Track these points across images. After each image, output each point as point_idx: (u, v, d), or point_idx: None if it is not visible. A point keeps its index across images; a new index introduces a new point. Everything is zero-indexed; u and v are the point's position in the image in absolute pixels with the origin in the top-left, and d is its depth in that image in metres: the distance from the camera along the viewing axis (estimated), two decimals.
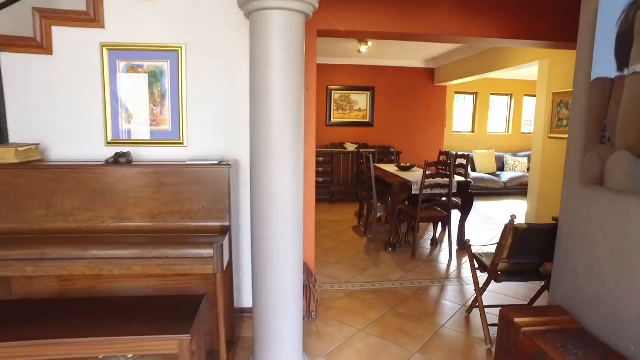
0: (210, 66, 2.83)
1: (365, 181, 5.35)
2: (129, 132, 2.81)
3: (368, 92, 8.00)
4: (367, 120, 8.09)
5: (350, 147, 7.68)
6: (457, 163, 5.49)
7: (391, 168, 5.80)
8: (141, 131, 2.82)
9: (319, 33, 3.40)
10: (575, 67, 2.45)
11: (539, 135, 4.77)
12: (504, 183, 8.45)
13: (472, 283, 3.09)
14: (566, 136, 4.36)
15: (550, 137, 4.56)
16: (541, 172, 4.73)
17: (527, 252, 2.76)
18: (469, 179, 4.90)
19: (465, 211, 4.92)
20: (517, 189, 8.59)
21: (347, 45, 6.50)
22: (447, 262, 4.58)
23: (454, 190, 4.67)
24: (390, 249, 4.82)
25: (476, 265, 3.13)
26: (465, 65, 6.88)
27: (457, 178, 4.87)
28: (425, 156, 8.30)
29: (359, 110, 8.05)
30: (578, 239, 2.34)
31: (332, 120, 8.02)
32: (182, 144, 2.86)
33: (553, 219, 3.45)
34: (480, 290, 2.99)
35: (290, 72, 2.20)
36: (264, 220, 2.32)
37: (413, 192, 4.63)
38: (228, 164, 2.51)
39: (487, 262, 2.98)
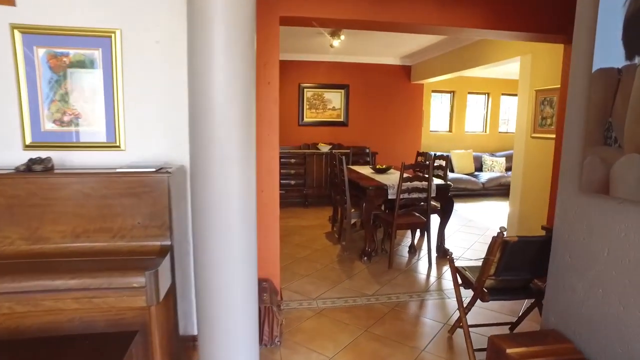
0: (152, 56, 2.41)
1: (338, 184, 4.99)
2: (53, 133, 2.36)
3: (342, 90, 7.66)
4: (342, 119, 7.75)
5: (324, 148, 7.32)
6: (435, 164, 5.19)
7: (366, 170, 5.46)
8: (68, 132, 2.37)
9: (282, 21, 3.01)
10: (572, 57, 2.14)
11: (521, 134, 4.50)
12: (483, 184, 8.24)
13: (454, 296, 2.77)
14: (551, 136, 4.14)
15: (533, 137, 4.30)
16: (524, 174, 4.47)
17: (517, 267, 2.44)
18: (448, 182, 4.59)
19: (445, 216, 4.62)
20: (496, 190, 8.39)
21: (319, 40, 6.14)
22: (426, 272, 4.26)
23: (433, 194, 4.36)
24: (365, 258, 4.47)
25: (459, 281, 2.80)
26: (443, 62, 6.61)
27: (436, 181, 4.56)
28: (402, 157, 8.00)
29: (333, 109, 7.70)
30: (577, 254, 2.03)
31: (305, 119, 7.64)
32: (119, 147, 2.43)
33: (543, 227, 3.17)
34: (464, 310, 2.66)
35: (236, 61, 1.81)
36: (207, 236, 1.92)
37: (389, 197, 4.29)
38: (167, 171, 2.10)
39: (471, 277, 2.65)
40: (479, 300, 2.58)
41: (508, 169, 8.91)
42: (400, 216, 4.23)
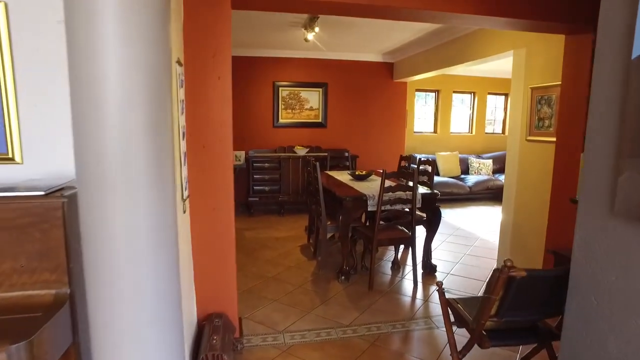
0: (56, 39, 1.85)
1: (313, 193, 4.47)
2: None
3: (320, 89, 7.13)
4: (320, 120, 7.23)
5: (301, 151, 6.79)
6: (420, 169, 4.71)
7: (344, 177, 4.95)
8: None
9: (234, 4, 2.47)
10: (597, 45, 1.65)
11: (515, 137, 4.05)
12: (470, 187, 7.82)
13: (444, 325, 2.27)
14: (549, 139, 3.68)
15: (528, 140, 3.84)
16: (518, 180, 4.01)
17: (525, 306, 1.95)
18: (435, 190, 4.11)
19: (432, 228, 4.14)
20: (484, 194, 7.98)
21: (293, 34, 5.60)
22: (411, 294, 3.77)
23: (418, 205, 3.87)
24: (342, 277, 3.96)
25: (451, 317, 2.31)
26: (427, 59, 6.14)
27: (421, 189, 4.08)
28: (385, 160, 7.54)
29: (310, 109, 7.17)
30: (607, 298, 1.55)
31: (280, 120, 7.10)
32: (13, 159, 1.85)
33: (551, 252, 2.70)
34: (458, 356, 2.16)
35: (138, 50, 1.26)
36: (101, 288, 1.38)
37: (369, 209, 3.79)
38: (62, 195, 1.54)
39: (466, 314, 2.16)
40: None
41: (495, 171, 8.52)
42: (381, 231, 3.73)
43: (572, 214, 3.12)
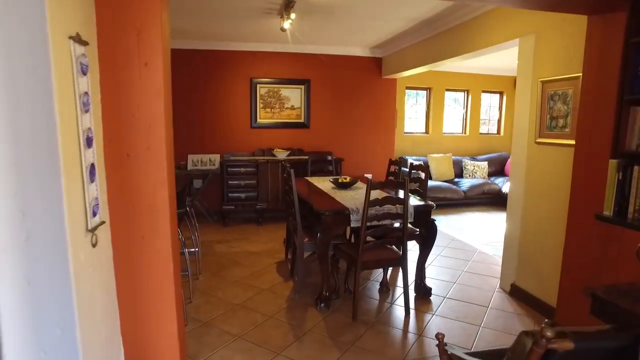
0: None
1: (290, 204, 3.86)
2: None
3: (302, 86, 6.53)
4: (302, 120, 6.62)
5: (281, 154, 6.18)
6: (412, 175, 4.14)
7: (326, 184, 4.35)
8: None
9: None
10: None
11: (522, 139, 3.48)
12: (464, 192, 7.27)
13: None
14: (564, 142, 3.09)
15: (538, 143, 3.28)
16: (527, 189, 3.45)
17: None
18: (429, 202, 3.52)
19: (426, 246, 3.56)
20: (479, 199, 7.44)
21: (267, 24, 4.99)
22: (402, 326, 3.19)
23: (411, 219, 3.29)
24: (322, 304, 3.36)
25: None
26: (419, 52, 5.57)
27: (414, 200, 3.50)
28: (373, 164, 6.96)
29: (292, 108, 6.56)
30: None
31: (259, 120, 6.48)
32: None
33: (586, 292, 2.11)
34: None
35: None
36: None
37: (353, 225, 3.20)
38: None
39: None
40: None
41: (491, 174, 7.99)
42: (367, 251, 3.14)
43: (599, 232, 2.57)
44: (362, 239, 3.03)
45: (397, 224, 3.39)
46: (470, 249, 5.03)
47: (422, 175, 4.08)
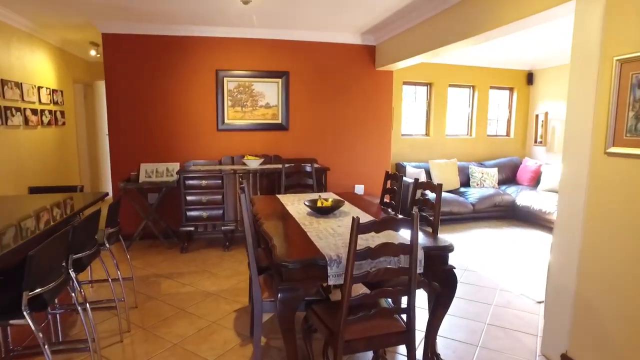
0: None
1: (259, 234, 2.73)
2: None
3: (279, 80, 5.41)
4: (279, 120, 5.50)
5: (253, 162, 5.05)
6: (417, 197, 3.05)
7: (300, 208, 3.22)
8: None
9: None
10: None
11: (580, 147, 2.38)
12: (473, 205, 6.18)
13: None
14: None
15: (612, 154, 2.18)
16: (589, 218, 2.35)
17: None
18: (445, 241, 2.41)
19: (440, 304, 2.44)
20: (490, 213, 6.36)
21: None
22: None
23: (420, 269, 2.17)
24: None
25: None
26: (421, 36, 4.48)
27: (423, 239, 2.39)
28: (365, 173, 5.84)
29: (267, 106, 5.44)
30: None
31: (227, 121, 5.35)
32: None
33: None
34: None
35: None
36: None
37: (331, 282, 2.08)
38: None
39: None
40: None
41: (502, 182, 6.92)
42: (352, 322, 2.02)
43: None
44: (345, 308, 1.92)
45: (399, 266, 2.27)
46: (491, 285, 3.93)
47: (432, 196, 2.98)
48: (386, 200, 3.78)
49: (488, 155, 7.44)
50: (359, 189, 5.79)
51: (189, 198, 4.78)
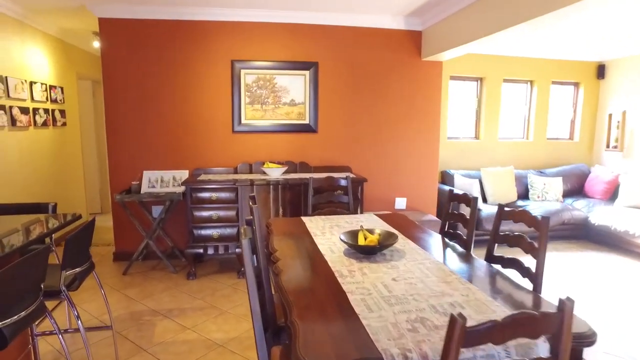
0: None
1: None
2: None
3: (306, 72, 4.55)
4: (306, 120, 4.63)
5: (274, 171, 4.21)
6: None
7: (332, 241, 2.33)
8: None
9: None
10: None
11: None
12: None
13: None
14: None
15: None
16: None
17: None
18: (585, 329, 1.47)
19: None
20: (556, 232, 5.31)
21: None
22: None
23: None
24: None
25: None
26: (479, 16, 3.54)
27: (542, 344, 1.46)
28: (408, 186, 4.90)
29: (291, 103, 4.58)
30: None
31: (244, 121, 4.52)
32: None
33: None
34: None
35: None
36: None
37: None
38: None
39: None
40: None
41: (567, 194, 5.85)
42: None
43: None
44: None
45: None
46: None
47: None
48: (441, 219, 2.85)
49: (548, 162, 6.37)
50: (400, 202, 4.85)
51: (196, 214, 3.98)
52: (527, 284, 1.88)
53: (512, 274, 1.98)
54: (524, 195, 5.81)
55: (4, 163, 4.09)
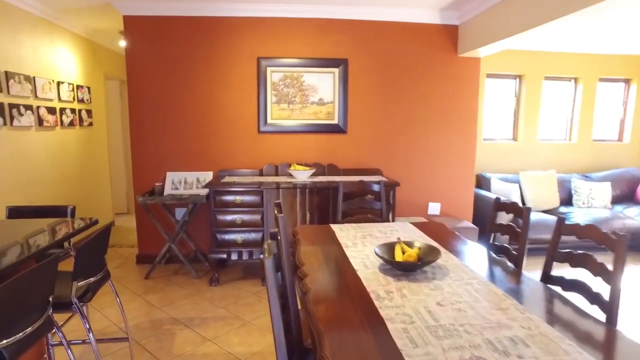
0: None
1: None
2: None
3: (335, 70, 4.33)
4: (335, 120, 4.41)
5: (302, 174, 4.01)
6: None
7: (365, 253, 2.10)
8: None
9: None
10: None
11: None
12: None
13: None
14: None
15: None
16: None
17: None
18: None
19: None
20: None
21: None
22: None
23: None
24: None
25: None
26: (520, 8, 3.23)
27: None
28: (443, 190, 4.60)
29: (320, 102, 4.38)
30: None
31: (270, 121, 4.34)
32: None
33: None
34: None
35: None
36: None
37: None
38: None
39: None
40: None
41: (615, 200, 5.41)
42: None
43: None
44: None
45: None
46: None
47: (610, 269, 1.79)
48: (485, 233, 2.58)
49: (594, 166, 5.93)
50: (434, 207, 4.57)
51: (220, 218, 3.82)
52: (594, 310, 1.61)
53: (575, 298, 1.71)
54: (567, 201, 5.41)
55: (32, 163, 4.06)
